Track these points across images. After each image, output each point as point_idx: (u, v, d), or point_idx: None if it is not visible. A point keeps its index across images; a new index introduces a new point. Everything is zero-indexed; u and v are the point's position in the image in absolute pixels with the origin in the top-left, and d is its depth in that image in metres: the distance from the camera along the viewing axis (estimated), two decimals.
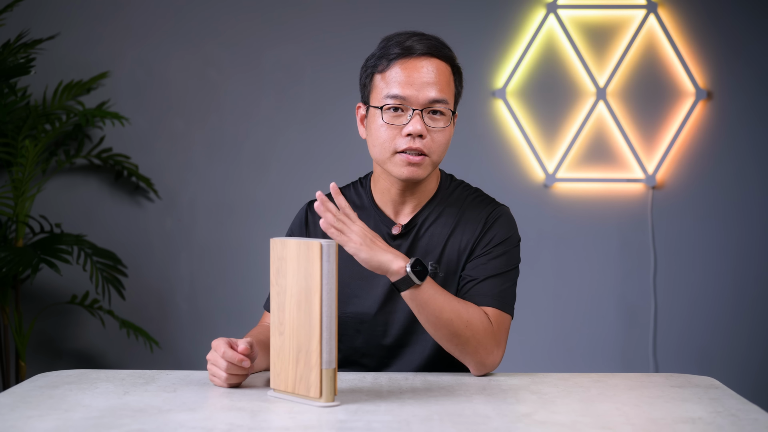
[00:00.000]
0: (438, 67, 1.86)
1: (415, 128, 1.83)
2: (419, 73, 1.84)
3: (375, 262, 1.72)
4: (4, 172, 3.72)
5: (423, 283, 1.74)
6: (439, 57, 1.87)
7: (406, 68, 1.85)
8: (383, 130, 1.86)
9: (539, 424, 1.47)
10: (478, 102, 3.76)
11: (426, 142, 1.85)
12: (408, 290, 1.74)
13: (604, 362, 3.75)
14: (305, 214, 2.03)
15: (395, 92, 1.84)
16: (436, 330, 1.78)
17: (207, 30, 3.77)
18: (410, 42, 1.86)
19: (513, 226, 1.95)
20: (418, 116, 1.84)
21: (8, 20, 3.60)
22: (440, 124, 1.86)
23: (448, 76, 1.88)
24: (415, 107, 1.84)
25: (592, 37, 3.76)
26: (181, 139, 3.78)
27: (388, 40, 1.89)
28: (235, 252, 3.77)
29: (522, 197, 3.74)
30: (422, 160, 1.86)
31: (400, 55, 1.85)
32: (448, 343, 1.79)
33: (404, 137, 1.84)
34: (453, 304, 1.78)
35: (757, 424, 1.46)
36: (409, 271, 1.72)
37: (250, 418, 1.49)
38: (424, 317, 1.77)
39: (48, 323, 3.75)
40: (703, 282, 3.77)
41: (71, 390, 1.68)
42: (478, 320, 1.80)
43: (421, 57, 1.85)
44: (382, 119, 1.85)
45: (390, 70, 1.85)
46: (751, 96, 3.75)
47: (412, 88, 1.84)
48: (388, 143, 1.86)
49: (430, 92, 1.84)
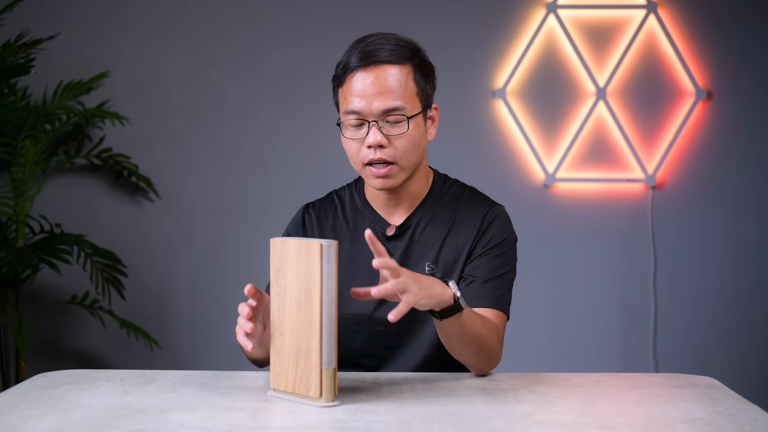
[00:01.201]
0: (390, 72, 1.84)
1: (375, 140, 1.83)
2: (370, 84, 1.83)
3: (434, 300, 1.61)
4: (4, 172, 3.72)
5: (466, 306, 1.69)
6: (393, 61, 1.85)
7: (358, 80, 1.84)
8: (350, 144, 1.87)
9: (539, 424, 1.47)
10: (478, 102, 3.76)
11: (388, 150, 1.84)
12: (452, 316, 1.68)
13: (604, 362, 3.75)
14: (302, 216, 2.03)
15: (351, 107, 1.85)
16: (467, 347, 1.74)
17: (207, 30, 3.77)
18: (366, 50, 1.85)
19: (509, 226, 1.95)
20: (375, 127, 1.83)
21: (8, 20, 3.60)
22: (398, 131, 1.85)
23: (402, 79, 1.85)
24: (370, 119, 1.84)
25: (592, 37, 3.76)
26: (181, 139, 3.78)
27: (350, 48, 1.89)
28: (235, 252, 3.77)
29: (522, 197, 3.74)
30: (389, 170, 1.85)
31: (355, 66, 1.84)
32: (473, 356, 1.77)
33: (367, 149, 1.85)
34: (481, 320, 1.76)
35: (757, 424, 1.46)
36: (459, 296, 1.67)
37: (250, 418, 1.49)
38: (459, 339, 1.72)
39: (48, 323, 3.75)
40: (702, 282, 3.77)
41: (71, 390, 1.68)
42: (493, 328, 1.81)
43: (371, 66, 1.84)
44: (346, 134, 1.87)
45: (345, 85, 1.87)
46: (751, 96, 3.75)
47: (364, 101, 1.83)
48: (356, 156, 1.87)
49: (380, 103, 1.83)
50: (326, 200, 2.05)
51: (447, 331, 1.71)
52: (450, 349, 1.77)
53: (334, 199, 2.03)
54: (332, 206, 2.02)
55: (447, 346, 1.77)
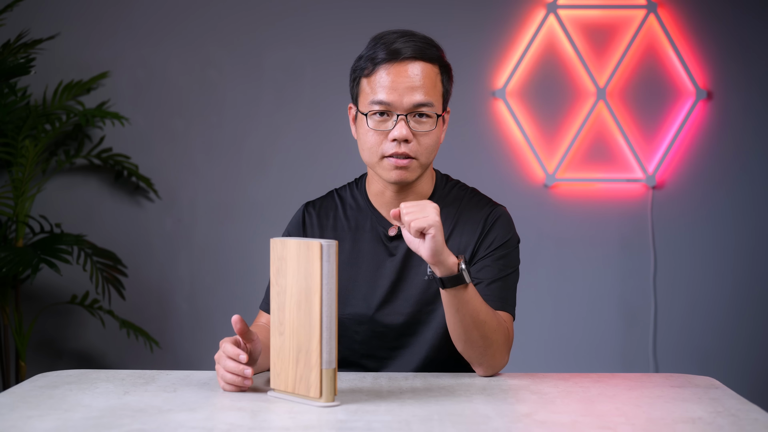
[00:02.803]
0: (423, 69, 1.85)
1: (401, 133, 1.83)
2: (403, 78, 1.84)
3: (440, 251, 1.68)
4: (4, 172, 3.72)
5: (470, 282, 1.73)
6: (425, 59, 1.86)
7: (391, 73, 1.84)
8: (370, 135, 1.86)
9: (539, 424, 1.47)
10: (478, 102, 3.76)
11: (412, 146, 1.85)
12: (454, 288, 1.72)
13: (604, 362, 3.75)
14: (302, 216, 2.03)
15: (380, 98, 1.84)
16: (468, 331, 1.76)
17: (207, 30, 3.77)
18: (395, 45, 1.85)
19: (512, 227, 1.95)
20: (403, 121, 1.83)
21: (8, 20, 3.60)
22: (426, 128, 1.86)
23: (434, 77, 1.87)
24: (399, 112, 1.84)
25: (592, 37, 3.76)
26: (181, 139, 3.78)
27: (375, 41, 1.88)
28: (235, 252, 3.77)
29: (522, 197, 3.74)
30: (409, 163, 1.85)
31: (385, 59, 1.84)
32: (474, 345, 1.78)
33: (390, 142, 1.84)
34: (487, 307, 1.78)
35: (757, 424, 1.46)
36: (464, 268, 1.70)
37: (250, 418, 1.49)
38: (461, 317, 1.75)
39: (48, 323, 3.75)
40: (703, 282, 3.77)
41: (71, 390, 1.68)
42: (504, 325, 1.82)
43: (405, 61, 1.84)
44: (368, 125, 1.86)
45: (375, 75, 1.85)
46: (751, 96, 3.75)
47: (396, 93, 1.83)
48: (376, 148, 1.86)
49: (414, 97, 1.84)
50: (327, 199, 2.04)
51: (449, 306, 1.74)
52: (453, 332, 1.78)
53: (335, 198, 2.03)
54: (333, 205, 2.02)
55: (451, 329, 1.78)
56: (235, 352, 1.64)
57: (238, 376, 1.65)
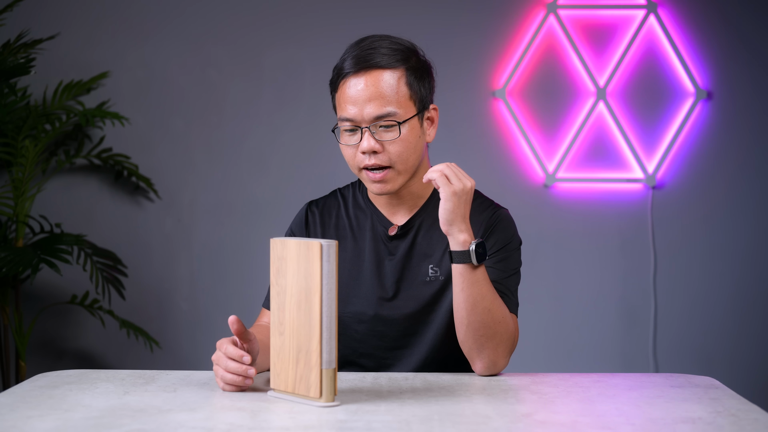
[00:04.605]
0: (381, 78, 1.84)
1: (367, 145, 1.84)
2: (361, 90, 1.84)
3: (458, 217, 1.74)
4: (4, 172, 3.72)
5: (479, 265, 1.76)
6: (383, 66, 1.85)
7: (351, 86, 1.85)
8: (346, 149, 1.89)
9: (539, 424, 1.47)
10: (478, 102, 3.76)
11: (382, 156, 1.85)
12: (462, 264, 1.76)
13: (604, 362, 3.75)
14: (305, 214, 2.03)
15: (344, 115, 1.86)
16: (470, 314, 1.78)
17: (207, 30, 3.77)
18: (356, 55, 1.85)
19: (514, 229, 1.95)
20: (368, 133, 1.84)
21: (8, 20, 3.60)
22: (391, 136, 1.85)
23: (394, 83, 1.85)
24: (363, 125, 1.85)
25: (592, 37, 3.76)
26: (181, 139, 3.78)
27: (345, 52, 1.89)
28: (235, 252, 3.77)
29: (522, 197, 3.74)
30: (385, 175, 1.86)
31: (348, 72, 1.85)
32: (475, 333, 1.78)
33: (362, 154, 1.86)
34: (495, 296, 1.80)
35: (757, 424, 1.46)
36: (472, 249, 1.74)
37: (250, 418, 1.49)
38: (465, 296, 1.77)
39: (48, 323, 3.75)
40: (703, 282, 3.77)
41: (71, 390, 1.68)
42: (509, 321, 1.82)
43: (362, 72, 1.85)
44: (341, 140, 1.88)
45: (340, 90, 1.88)
46: (751, 96, 3.75)
47: (357, 107, 1.84)
48: (352, 161, 1.88)
49: (371, 109, 1.84)
50: (330, 198, 2.05)
51: (456, 283, 1.77)
52: (456, 313, 1.80)
53: (338, 198, 2.04)
54: (335, 204, 2.02)
55: (455, 310, 1.79)
56: (238, 354, 1.65)
57: (239, 376, 1.65)
